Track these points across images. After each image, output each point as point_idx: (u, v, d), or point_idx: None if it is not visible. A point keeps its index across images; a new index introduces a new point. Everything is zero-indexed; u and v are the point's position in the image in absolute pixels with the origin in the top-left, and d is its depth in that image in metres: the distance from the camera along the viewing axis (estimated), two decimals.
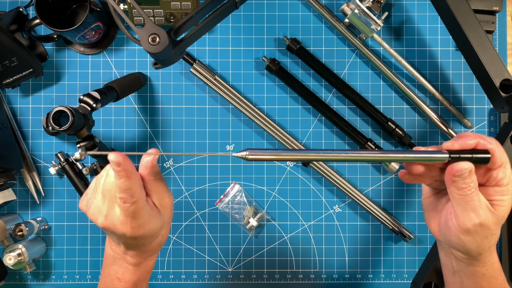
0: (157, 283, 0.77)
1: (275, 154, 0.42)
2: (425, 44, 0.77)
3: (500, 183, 0.43)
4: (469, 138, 0.43)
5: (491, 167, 0.43)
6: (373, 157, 0.44)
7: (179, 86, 0.77)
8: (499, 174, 0.43)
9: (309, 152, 0.43)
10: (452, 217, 0.45)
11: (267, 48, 0.77)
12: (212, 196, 0.77)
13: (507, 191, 0.43)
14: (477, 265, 0.47)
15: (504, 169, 0.43)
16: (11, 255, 0.69)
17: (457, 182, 0.42)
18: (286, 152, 0.42)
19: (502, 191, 0.43)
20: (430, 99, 0.77)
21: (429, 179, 0.46)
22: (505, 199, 0.43)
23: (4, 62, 0.68)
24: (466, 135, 0.43)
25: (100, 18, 0.71)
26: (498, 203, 0.43)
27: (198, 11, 0.52)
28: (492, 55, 0.60)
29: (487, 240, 0.44)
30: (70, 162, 0.75)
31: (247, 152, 0.42)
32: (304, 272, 0.77)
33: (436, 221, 0.48)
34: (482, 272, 0.47)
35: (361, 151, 0.44)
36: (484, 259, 0.46)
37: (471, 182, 0.42)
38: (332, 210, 0.77)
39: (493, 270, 0.47)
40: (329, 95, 0.77)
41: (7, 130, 0.72)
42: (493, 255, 0.47)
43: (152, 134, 0.77)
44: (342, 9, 0.73)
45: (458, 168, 0.42)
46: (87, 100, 0.62)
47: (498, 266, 0.48)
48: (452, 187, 0.43)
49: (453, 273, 0.50)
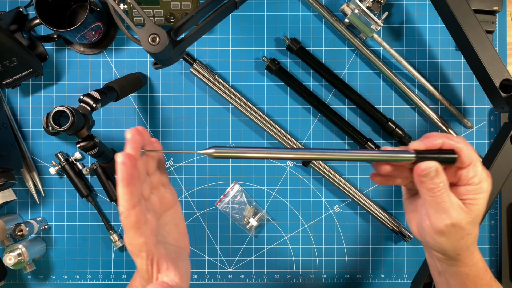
0: None
1: (240, 151, 0.42)
2: (425, 44, 0.77)
3: (471, 182, 0.42)
4: (434, 138, 0.42)
5: (460, 166, 0.43)
6: (339, 156, 0.43)
7: (179, 86, 0.77)
8: (469, 173, 0.42)
9: (273, 149, 0.42)
10: (425, 218, 0.44)
11: (267, 48, 0.77)
12: (212, 196, 0.77)
13: (479, 190, 0.42)
14: (459, 265, 0.46)
15: (474, 167, 0.42)
16: (11, 255, 0.69)
17: (425, 183, 0.42)
18: (251, 150, 0.42)
19: (475, 190, 0.42)
20: (430, 99, 0.77)
21: (402, 180, 0.46)
22: (478, 198, 0.42)
23: (4, 62, 0.68)
24: (432, 135, 0.43)
25: (100, 18, 0.71)
26: (471, 202, 0.43)
27: (198, 11, 0.52)
28: (492, 55, 0.60)
29: (463, 240, 0.44)
30: (70, 162, 0.75)
31: (213, 150, 0.41)
32: (304, 272, 0.77)
33: (415, 222, 0.47)
34: (465, 272, 0.46)
35: (328, 150, 0.43)
36: (464, 259, 0.45)
37: (440, 182, 0.42)
38: (332, 210, 0.77)
39: (476, 270, 0.47)
40: (329, 95, 0.77)
41: (7, 130, 0.72)
42: (475, 255, 0.46)
43: (152, 134, 0.77)
44: (342, 9, 0.73)
45: (424, 168, 0.42)
46: (87, 100, 0.62)
47: (483, 266, 0.47)
48: (422, 188, 0.43)
49: (439, 274, 0.50)
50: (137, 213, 0.38)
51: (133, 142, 0.40)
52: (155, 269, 0.40)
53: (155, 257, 0.40)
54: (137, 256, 0.39)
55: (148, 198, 0.43)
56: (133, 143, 0.40)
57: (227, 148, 0.42)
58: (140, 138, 0.40)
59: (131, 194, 0.38)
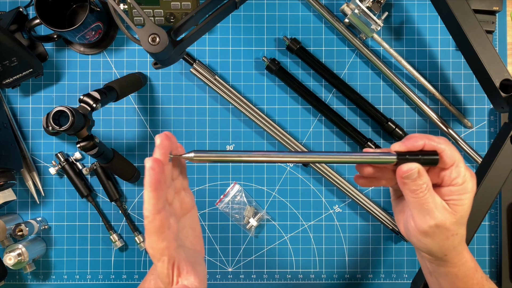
0: None
1: (220, 156, 0.42)
2: (425, 44, 0.77)
3: (455, 183, 0.42)
4: (416, 139, 0.42)
5: (443, 167, 0.43)
6: (320, 158, 0.43)
7: (179, 86, 0.77)
8: (452, 173, 0.42)
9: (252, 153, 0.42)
10: (410, 220, 0.44)
11: (267, 48, 0.77)
12: (212, 196, 0.77)
13: (463, 190, 0.42)
14: (447, 265, 0.46)
15: (457, 167, 0.42)
16: (11, 255, 0.69)
17: (408, 184, 0.42)
18: (230, 154, 0.42)
19: (459, 190, 0.42)
20: (430, 99, 0.77)
21: (387, 181, 0.46)
22: (463, 198, 0.42)
23: (4, 62, 0.68)
24: (413, 136, 0.43)
25: (100, 18, 0.71)
26: (455, 203, 0.42)
27: (198, 11, 0.52)
28: (492, 55, 0.60)
29: (448, 240, 0.43)
30: (70, 162, 0.75)
31: (192, 154, 0.41)
32: (304, 272, 0.77)
33: (402, 223, 0.47)
34: (454, 272, 0.46)
35: (308, 153, 0.43)
36: (452, 259, 0.45)
37: (423, 184, 0.42)
38: (332, 210, 0.77)
39: (466, 270, 0.46)
40: (329, 95, 0.77)
41: (7, 130, 0.72)
42: (463, 255, 0.46)
43: (152, 134, 0.77)
44: (342, 9, 0.73)
45: (405, 169, 0.41)
46: (87, 100, 0.62)
47: (473, 265, 0.47)
48: (405, 190, 0.43)
49: (430, 274, 0.50)
50: (161, 218, 0.38)
51: (162, 148, 0.40)
52: (175, 273, 0.40)
53: (176, 261, 0.40)
54: (159, 260, 0.39)
55: (171, 203, 0.43)
56: (162, 148, 0.40)
57: (208, 152, 0.42)
58: (169, 144, 0.41)
59: (157, 199, 0.38)
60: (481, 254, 0.77)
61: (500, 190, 0.60)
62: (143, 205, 0.39)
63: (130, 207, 0.77)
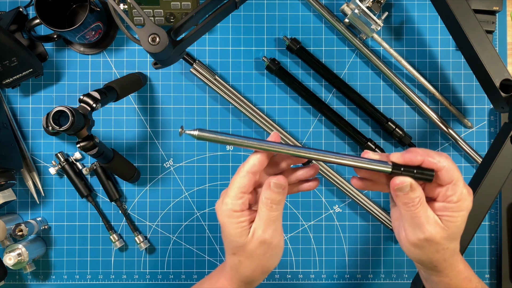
0: (157, 283, 0.77)
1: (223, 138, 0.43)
2: (425, 44, 0.77)
3: (449, 200, 0.42)
4: (415, 154, 0.42)
5: (440, 184, 0.42)
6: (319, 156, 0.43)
7: (179, 86, 0.77)
8: (448, 191, 0.42)
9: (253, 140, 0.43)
10: (402, 230, 0.44)
11: (267, 48, 0.77)
12: (212, 196, 0.77)
13: (457, 208, 0.42)
14: (439, 275, 0.46)
15: (455, 186, 0.42)
16: (11, 255, 0.69)
17: (400, 197, 0.42)
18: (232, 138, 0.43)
19: (453, 208, 0.42)
20: (430, 99, 0.77)
21: (382, 187, 0.46)
22: (455, 216, 0.42)
23: (4, 62, 0.68)
24: (415, 151, 0.42)
25: (100, 18, 0.71)
26: (448, 219, 0.42)
27: (198, 11, 0.52)
28: (492, 55, 0.60)
29: (438, 254, 0.43)
30: (70, 162, 0.75)
31: (197, 132, 0.42)
32: (304, 272, 0.77)
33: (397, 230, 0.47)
34: (446, 282, 0.46)
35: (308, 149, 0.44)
36: (443, 270, 0.45)
37: (416, 198, 0.41)
38: (332, 210, 0.77)
39: (458, 281, 0.46)
40: (329, 95, 0.77)
41: (7, 130, 0.72)
42: (455, 266, 0.46)
43: (152, 134, 0.77)
44: (342, 9, 0.73)
45: (398, 182, 0.42)
46: (87, 100, 0.62)
47: (466, 276, 0.47)
48: (398, 201, 0.43)
49: (425, 280, 0.50)
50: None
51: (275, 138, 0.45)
52: None
53: None
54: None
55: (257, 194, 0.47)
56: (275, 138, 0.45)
57: (212, 132, 0.43)
58: None
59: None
60: (481, 254, 0.77)
61: (500, 190, 0.60)
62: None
63: (130, 207, 0.77)
